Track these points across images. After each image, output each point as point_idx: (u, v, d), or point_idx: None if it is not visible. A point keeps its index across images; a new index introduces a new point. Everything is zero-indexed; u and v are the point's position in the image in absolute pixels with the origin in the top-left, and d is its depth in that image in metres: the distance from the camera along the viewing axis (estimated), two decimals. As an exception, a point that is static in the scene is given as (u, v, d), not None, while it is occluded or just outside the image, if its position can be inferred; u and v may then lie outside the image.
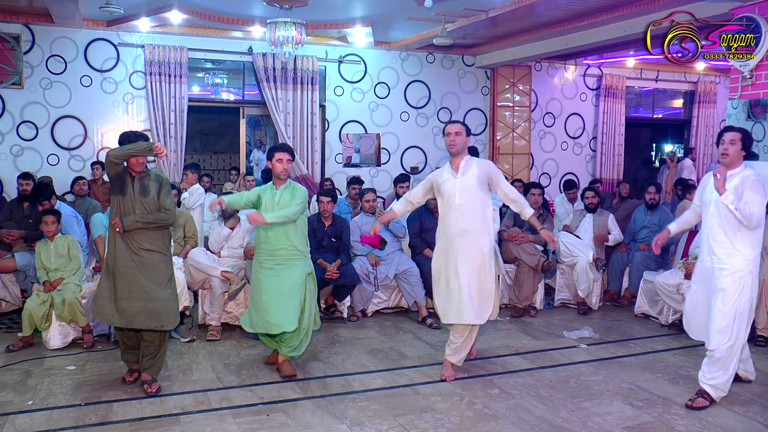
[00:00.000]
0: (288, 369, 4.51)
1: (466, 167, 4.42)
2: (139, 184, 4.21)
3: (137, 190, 4.20)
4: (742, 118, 6.02)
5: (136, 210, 4.17)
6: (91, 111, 8.48)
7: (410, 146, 10.09)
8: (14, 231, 6.00)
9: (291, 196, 4.53)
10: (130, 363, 4.42)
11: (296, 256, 4.52)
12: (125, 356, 4.42)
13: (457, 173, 4.43)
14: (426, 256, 6.19)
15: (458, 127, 4.44)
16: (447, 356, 4.54)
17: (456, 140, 4.39)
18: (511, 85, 10.51)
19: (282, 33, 6.74)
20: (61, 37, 8.23)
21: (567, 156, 11.14)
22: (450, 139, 4.42)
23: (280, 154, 4.53)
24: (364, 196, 6.35)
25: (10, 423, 3.73)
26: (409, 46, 9.42)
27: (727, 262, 3.97)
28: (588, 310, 6.41)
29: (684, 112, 12.20)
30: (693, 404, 4.01)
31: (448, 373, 4.48)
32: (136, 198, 4.18)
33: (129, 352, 4.39)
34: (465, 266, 4.35)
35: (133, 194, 4.18)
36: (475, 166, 4.43)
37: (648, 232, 6.52)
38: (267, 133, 11.88)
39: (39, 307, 4.99)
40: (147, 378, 4.24)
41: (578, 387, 4.37)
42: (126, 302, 4.12)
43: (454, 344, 4.50)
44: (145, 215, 4.17)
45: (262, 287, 4.47)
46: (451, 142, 4.41)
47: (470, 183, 4.38)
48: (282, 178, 4.56)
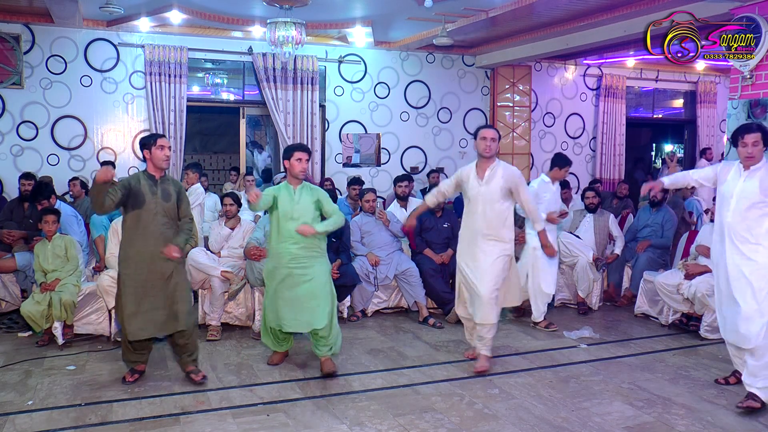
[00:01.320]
0: (331, 366, 4.53)
1: (492, 175, 4.47)
2: (161, 188, 4.17)
3: (160, 195, 4.15)
4: (742, 118, 6.02)
5: (158, 217, 4.11)
6: (91, 111, 8.47)
7: (410, 146, 10.08)
8: (14, 231, 6.00)
9: (311, 197, 4.52)
10: (132, 363, 4.39)
11: (319, 255, 4.53)
12: (130, 356, 4.36)
13: (482, 180, 4.48)
14: (426, 256, 6.20)
15: (494, 132, 4.51)
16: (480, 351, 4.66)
17: (492, 146, 4.46)
18: (511, 85, 10.51)
19: (282, 33, 6.74)
20: (61, 37, 8.23)
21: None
22: (486, 144, 4.45)
23: (300, 153, 4.48)
24: (364, 197, 6.35)
25: (10, 423, 3.73)
26: (409, 46, 9.42)
27: (751, 257, 3.85)
28: (588, 310, 6.41)
29: (685, 112, 12.20)
30: (743, 404, 3.88)
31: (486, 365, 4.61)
32: (159, 203, 4.13)
33: (136, 353, 4.35)
34: (485, 268, 4.49)
35: (156, 200, 4.12)
36: (500, 174, 4.48)
37: (650, 231, 6.52)
38: (267, 133, 11.87)
39: (35, 308, 4.99)
40: (191, 368, 4.34)
41: (578, 387, 4.37)
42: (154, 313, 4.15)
43: (484, 339, 4.63)
44: (185, 232, 4.23)
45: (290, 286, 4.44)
46: (487, 147, 4.45)
47: (493, 192, 4.46)
48: (299, 178, 4.53)
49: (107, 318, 5.35)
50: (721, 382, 4.36)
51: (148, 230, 4.10)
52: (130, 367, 4.41)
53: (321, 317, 4.43)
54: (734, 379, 4.29)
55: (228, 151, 12.71)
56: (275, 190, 4.54)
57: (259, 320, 5.50)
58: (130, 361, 4.39)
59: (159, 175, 4.21)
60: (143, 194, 4.09)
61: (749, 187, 3.90)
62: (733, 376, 4.32)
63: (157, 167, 4.19)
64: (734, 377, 4.30)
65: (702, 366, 4.80)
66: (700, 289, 5.31)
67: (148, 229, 4.10)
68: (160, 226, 4.13)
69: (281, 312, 4.49)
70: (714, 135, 11.81)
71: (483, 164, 4.52)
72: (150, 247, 4.10)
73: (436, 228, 6.33)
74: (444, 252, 6.25)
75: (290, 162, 4.50)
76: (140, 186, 4.11)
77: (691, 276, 5.48)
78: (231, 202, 5.86)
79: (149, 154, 4.19)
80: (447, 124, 10.28)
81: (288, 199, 4.48)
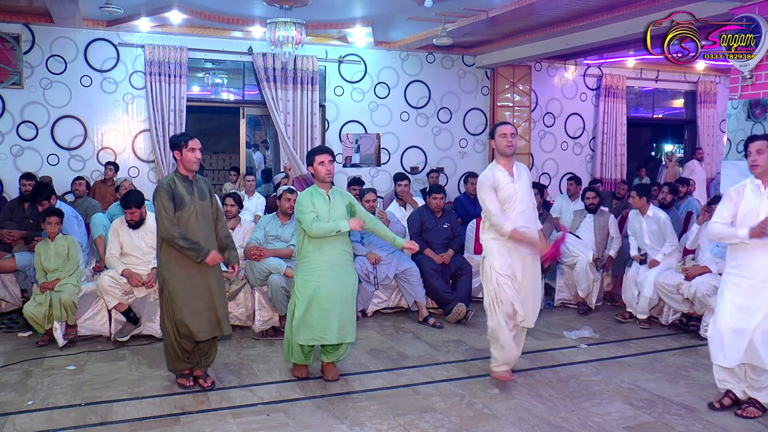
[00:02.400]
0: (333, 372, 4.47)
1: (519, 171, 4.41)
2: (197, 188, 4.17)
3: (197, 195, 4.15)
4: (742, 118, 6.02)
5: (199, 218, 4.11)
6: (91, 111, 8.47)
7: (410, 146, 10.08)
8: (15, 231, 6.00)
9: (343, 200, 4.42)
10: (180, 370, 4.30)
11: (350, 263, 4.44)
12: (182, 364, 4.26)
13: (513, 177, 4.36)
14: (426, 256, 6.20)
15: (512, 128, 4.42)
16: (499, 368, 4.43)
17: (513, 141, 4.36)
18: (511, 85, 10.51)
19: (282, 33, 6.75)
20: (61, 37, 8.23)
21: (567, 156, 11.14)
22: (507, 140, 4.33)
23: (321, 156, 4.30)
24: (365, 197, 6.34)
25: (10, 423, 3.73)
26: (409, 46, 9.42)
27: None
28: (588, 310, 6.41)
29: (685, 112, 12.20)
30: (743, 413, 3.83)
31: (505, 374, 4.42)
32: (197, 203, 4.12)
33: (187, 360, 4.27)
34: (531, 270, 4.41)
35: (194, 200, 4.11)
36: (524, 171, 4.46)
37: None
38: (267, 133, 11.87)
39: (37, 310, 5.00)
40: (200, 373, 4.31)
41: (578, 387, 4.37)
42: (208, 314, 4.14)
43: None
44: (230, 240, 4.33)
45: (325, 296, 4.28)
46: (509, 143, 4.34)
47: (526, 188, 4.40)
48: (327, 181, 4.37)
49: (107, 318, 5.35)
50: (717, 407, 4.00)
51: (189, 231, 4.08)
52: (178, 374, 4.33)
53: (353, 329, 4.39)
54: (728, 400, 4.01)
55: (228, 151, 12.71)
56: (310, 197, 4.33)
57: (259, 320, 5.51)
58: (179, 369, 4.30)
59: (191, 176, 4.20)
60: (182, 196, 4.08)
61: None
62: (727, 397, 4.03)
63: (188, 169, 4.16)
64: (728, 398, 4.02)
65: (702, 366, 4.79)
66: (700, 289, 5.31)
67: (189, 230, 4.08)
68: (199, 225, 4.13)
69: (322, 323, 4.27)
70: (714, 135, 11.81)
71: (507, 163, 4.37)
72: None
73: (436, 228, 6.33)
74: (444, 252, 6.25)
75: (314, 167, 4.32)
76: (178, 188, 4.09)
77: (691, 276, 5.48)
78: (232, 203, 5.86)
79: (180, 155, 4.15)
80: (447, 124, 10.28)
81: (323, 204, 4.32)
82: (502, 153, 4.37)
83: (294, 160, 9.09)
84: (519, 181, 4.36)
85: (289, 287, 5.34)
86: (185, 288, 4.08)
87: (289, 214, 5.68)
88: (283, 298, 5.31)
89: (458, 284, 6.20)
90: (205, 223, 4.17)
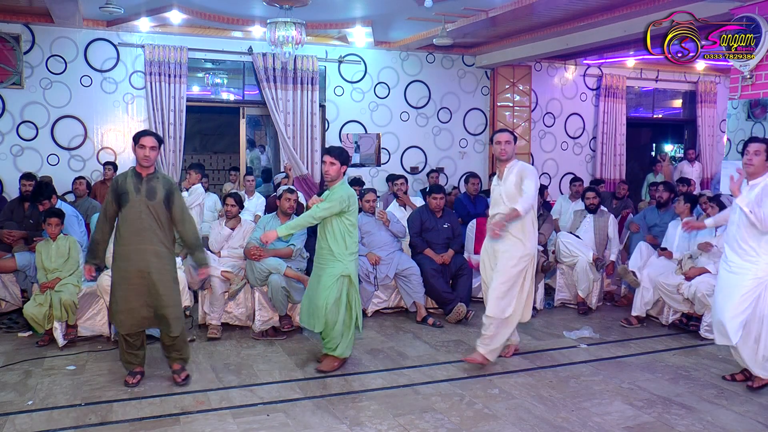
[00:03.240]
0: (326, 365, 4.63)
1: (508, 173, 4.62)
2: (146, 186, 4.13)
3: (144, 193, 4.11)
4: (742, 118, 6.02)
5: (145, 217, 4.09)
6: (91, 111, 8.47)
7: (410, 146, 10.08)
8: (15, 231, 6.00)
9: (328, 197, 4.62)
10: (131, 365, 4.36)
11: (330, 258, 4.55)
12: (127, 357, 4.34)
13: (500, 180, 4.66)
14: (427, 256, 6.20)
15: (507, 135, 4.65)
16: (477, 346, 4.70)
17: (507, 149, 4.61)
18: (511, 85, 10.51)
19: (282, 33, 6.74)
20: (61, 37, 8.23)
21: (567, 156, 11.14)
22: (501, 148, 4.62)
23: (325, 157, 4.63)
24: (365, 197, 6.35)
25: (10, 423, 3.73)
26: (409, 46, 9.42)
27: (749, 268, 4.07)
28: (588, 310, 6.41)
29: (684, 112, 12.20)
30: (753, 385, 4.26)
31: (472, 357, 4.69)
32: (143, 202, 4.10)
33: (131, 353, 4.34)
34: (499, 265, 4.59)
35: (140, 198, 4.09)
36: (515, 170, 4.61)
37: (659, 230, 6.49)
38: (267, 133, 11.87)
39: (38, 310, 4.99)
40: (177, 367, 4.36)
41: (578, 387, 4.37)
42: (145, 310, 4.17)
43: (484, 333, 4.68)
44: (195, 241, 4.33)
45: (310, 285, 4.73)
46: (502, 150, 4.62)
47: (510, 189, 4.59)
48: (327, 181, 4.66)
49: (107, 318, 5.34)
50: (728, 378, 4.49)
51: (133, 228, 4.09)
52: (128, 369, 4.38)
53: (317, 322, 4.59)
54: (741, 376, 4.44)
55: (228, 151, 12.71)
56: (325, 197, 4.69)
57: (259, 320, 5.51)
58: (127, 362, 4.36)
59: (146, 173, 4.18)
60: (126, 192, 4.10)
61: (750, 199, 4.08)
62: (741, 373, 4.45)
63: (140, 165, 4.19)
64: (742, 374, 4.44)
65: (702, 366, 4.80)
66: (700, 289, 5.31)
67: (133, 227, 4.09)
68: (143, 224, 4.10)
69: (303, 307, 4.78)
70: (714, 135, 11.82)
71: (501, 166, 4.70)
72: (139, 244, 4.10)
73: (436, 228, 6.33)
74: (445, 252, 6.25)
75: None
76: (126, 184, 4.12)
77: (690, 277, 5.48)
78: (233, 203, 5.86)
79: (134, 151, 4.24)
80: (447, 124, 10.28)
81: None
82: (497, 158, 4.71)
83: (294, 160, 9.09)
84: (504, 183, 4.61)
85: (289, 287, 5.36)
86: (119, 283, 4.14)
87: (289, 214, 5.69)
88: (283, 298, 5.31)
89: (458, 284, 6.20)
90: (152, 223, 4.13)
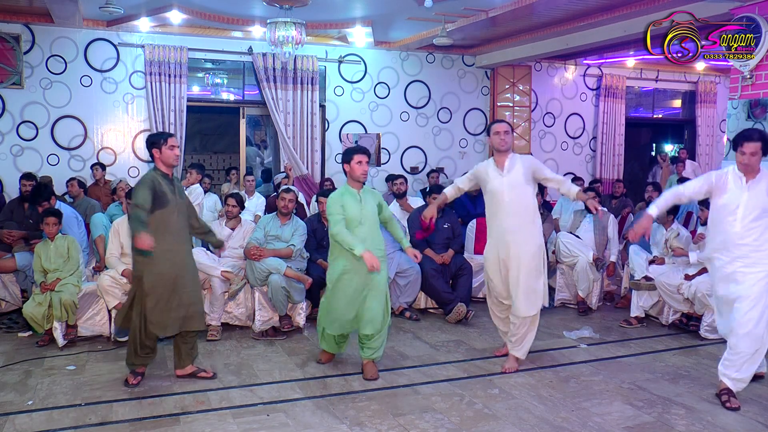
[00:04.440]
0: (372, 371, 4.48)
1: (512, 165, 4.55)
2: (177, 186, 4.26)
3: (178, 193, 4.24)
4: (742, 118, 6.02)
5: (180, 216, 4.19)
6: (91, 111, 8.48)
7: (410, 146, 10.09)
8: (15, 231, 6.00)
9: (374, 200, 4.55)
10: (136, 366, 4.33)
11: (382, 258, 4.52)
12: (138, 360, 4.29)
13: (503, 171, 4.55)
14: (427, 257, 6.19)
15: (506, 126, 4.61)
16: (510, 350, 4.72)
17: (506, 138, 4.55)
18: (511, 85, 10.51)
19: (282, 33, 6.75)
20: (61, 37, 8.24)
21: (567, 156, 11.15)
22: (500, 138, 4.53)
23: (359, 156, 4.45)
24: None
25: (10, 423, 3.73)
26: (409, 46, 9.43)
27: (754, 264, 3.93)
28: (588, 310, 6.41)
29: (684, 112, 12.20)
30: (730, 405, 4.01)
31: (510, 365, 4.65)
32: (177, 201, 4.20)
33: (146, 356, 4.31)
34: (517, 262, 4.54)
35: (176, 198, 4.19)
36: (519, 162, 4.57)
37: None
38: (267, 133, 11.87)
39: (37, 310, 4.99)
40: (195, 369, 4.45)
41: (578, 387, 4.37)
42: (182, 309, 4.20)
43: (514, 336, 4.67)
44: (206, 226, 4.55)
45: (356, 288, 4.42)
46: (502, 140, 4.53)
47: (517, 180, 4.52)
48: (361, 180, 4.50)
49: (107, 318, 5.35)
50: None
51: (171, 228, 4.16)
52: (132, 369, 4.36)
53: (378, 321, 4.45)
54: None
55: (228, 151, 12.71)
56: (339, 198, 4.45)
57: (259, 320, 5.50)
58: (135, 364, 4.34)
59: (171, 174, 4.27)
60: (165, 194, 4.13)
61: (755, 197, 3.92)
62: None
63: (167, 166, 4.23)
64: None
65: (702, 366, 4.80)
66: (700, 289, 5.31)
67: (172, 227, 4.16)
68: (180, 223, 4.23)
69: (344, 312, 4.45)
70: (714, 135, 11.82)
71: (501, 158, 4.59)
72: (176, 245, 4.18)
73: (436, 228, 6.31)
74: (445, 252, 6.25)
75: (351, 165, 4.46)
76: (161, 186, 4.14)
77: (690, 277, 5.48)
78: (234, 204, 5.86)
79: (159, 153, 4.22)
80: (447, 124, 10.28)
81: (354, 204, 4.43)
82: (496, 149, 4.59)
83: (294, 160, 9.09)
84: (509, 174, 4.53)
85: (289, 287, 5.36)
86: (157, 284, 4.14)
87: (286, 214, 5.69)
88: (283, 298, 5.31)
89: (458, 284, 6.20)
90: (182, 221, 4.28)
